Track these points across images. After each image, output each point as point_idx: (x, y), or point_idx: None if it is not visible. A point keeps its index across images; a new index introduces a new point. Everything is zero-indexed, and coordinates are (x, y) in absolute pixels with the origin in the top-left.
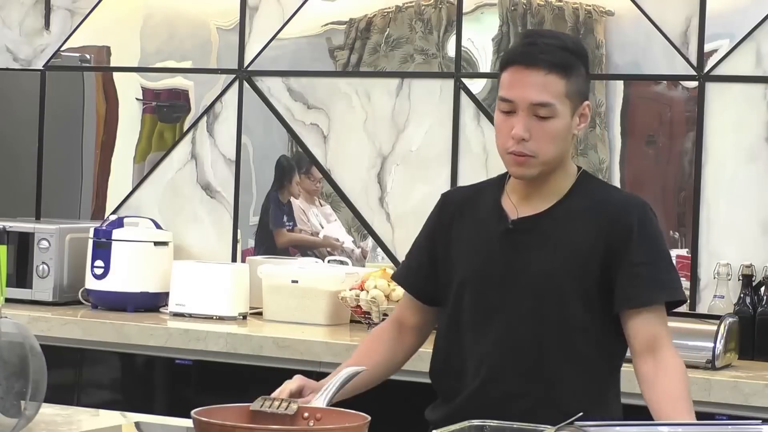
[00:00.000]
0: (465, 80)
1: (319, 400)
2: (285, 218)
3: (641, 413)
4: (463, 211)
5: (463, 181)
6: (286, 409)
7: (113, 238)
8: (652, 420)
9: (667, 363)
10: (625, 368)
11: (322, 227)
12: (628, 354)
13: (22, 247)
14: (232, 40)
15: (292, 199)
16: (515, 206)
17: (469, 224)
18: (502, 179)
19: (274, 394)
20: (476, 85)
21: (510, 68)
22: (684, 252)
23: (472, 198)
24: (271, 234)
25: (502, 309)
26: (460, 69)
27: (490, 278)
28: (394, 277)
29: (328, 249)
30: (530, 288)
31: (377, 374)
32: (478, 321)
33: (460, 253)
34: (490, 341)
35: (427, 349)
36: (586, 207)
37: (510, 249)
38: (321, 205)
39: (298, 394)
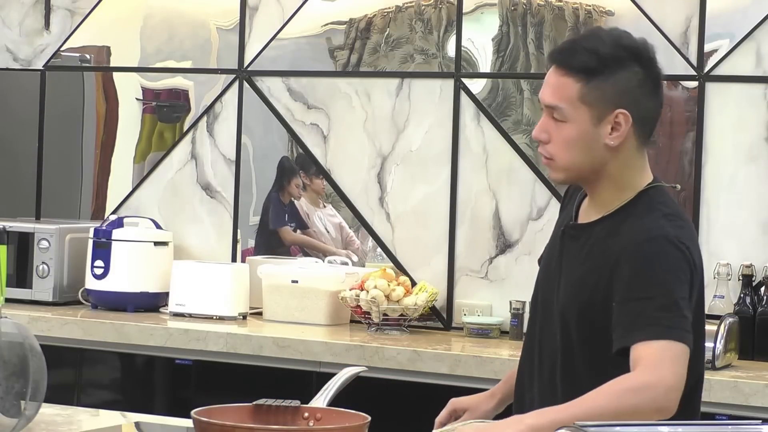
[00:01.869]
0: (465, 80)
1: (319, 400)
2: (287, 218)
3: None
4: (569, 201)
5: (463, 181)
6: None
7: (113, 238)
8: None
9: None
10: None
11: (327, 231)
12: None
13: (22, 247)
14: (232, 40)
15: (293, 201)
16: (583, 210)
17: (561, 217)
18: None
19: None
20: (476, 85)
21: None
22: None
23: (572, 195)
24: (272, 234)
25: (544, 312)
26: (460, 69)
27: (545, 279)
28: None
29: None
30: (558, 300)
31: None
32: (532, 321)
33: (548, 244)
34: (536, 343)
35: (427, 349)
36: (617, 229)
37: (560, 253)
38: (323, 207)
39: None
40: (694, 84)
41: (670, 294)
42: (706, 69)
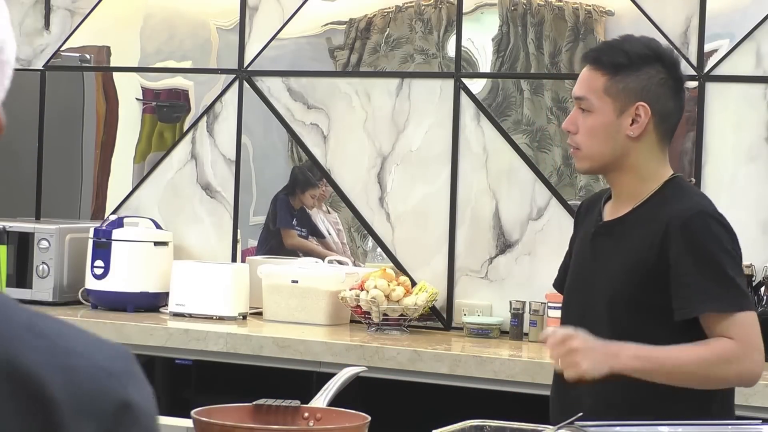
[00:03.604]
0: (465, 80)
1: (319, 400)
2: (295, 221)
3: None
4: (586, 213)
5: (463, 181)
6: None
7: (113, 238)
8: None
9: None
10: None
11: (330, 234)
12: None
13: (22, 247)
14: (232, 40)
15: (305, 209)
16: (609, 210)
17: (584, 226)
18: None
19: None
20: (476, 85)
21: None
22: None
23: (595, 201)
24: (274, 233)
25: (583, 313)
26: (460, 69)
27: (579, 281)
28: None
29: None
30: (601, 294)
31: None
32: (568, 323)
33: (573, 254)
34: None
35: (427, 349)
36: (652, 215)
37: (593, 253)
38: (329, 212)
39: None
40: (694, 84)
41: (718, 266)
42: (706, 69)
